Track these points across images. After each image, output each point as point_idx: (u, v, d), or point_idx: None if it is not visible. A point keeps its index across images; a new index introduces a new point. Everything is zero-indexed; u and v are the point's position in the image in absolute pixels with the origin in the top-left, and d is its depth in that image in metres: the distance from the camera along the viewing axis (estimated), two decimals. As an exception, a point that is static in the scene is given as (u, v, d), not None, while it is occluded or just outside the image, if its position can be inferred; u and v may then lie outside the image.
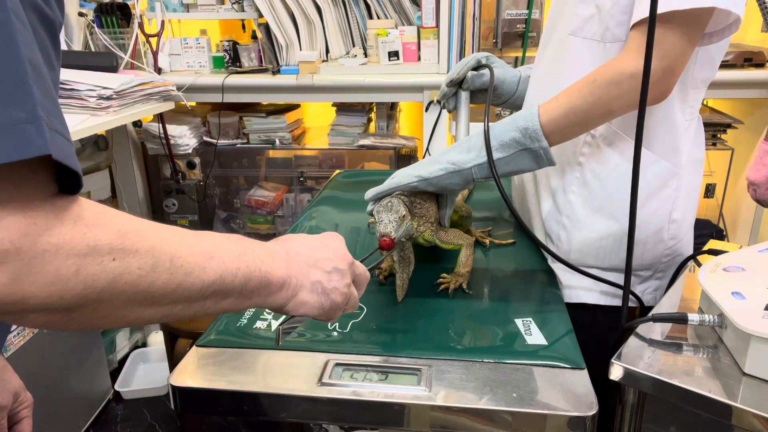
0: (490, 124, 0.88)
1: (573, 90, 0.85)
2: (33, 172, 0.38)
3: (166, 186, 2.46)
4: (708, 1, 0.77)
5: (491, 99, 1.14)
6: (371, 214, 0.91)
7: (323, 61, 2.29)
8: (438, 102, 2.13)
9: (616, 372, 0.73)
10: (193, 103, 2.53)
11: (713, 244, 1.06)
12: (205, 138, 2.46)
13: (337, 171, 1.64)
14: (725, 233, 2.35)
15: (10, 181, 0.37)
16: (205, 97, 2.31)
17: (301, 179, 2.50)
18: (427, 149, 2.10)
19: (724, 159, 2.27)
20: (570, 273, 0.98)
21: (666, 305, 0.87)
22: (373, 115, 2.47)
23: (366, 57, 2.29)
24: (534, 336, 0.82)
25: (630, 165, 0.82)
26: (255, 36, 2.37)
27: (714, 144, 2.25)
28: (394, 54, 2.19)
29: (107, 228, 0.42)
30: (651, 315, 0.79)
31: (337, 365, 0.76)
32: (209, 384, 0.74)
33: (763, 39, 2.26)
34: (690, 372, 0.70)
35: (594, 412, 0.67)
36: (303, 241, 0.65)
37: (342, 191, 1.47)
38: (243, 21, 2.52)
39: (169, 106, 2.20)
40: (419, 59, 2.21)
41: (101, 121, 1.80)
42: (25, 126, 0.36)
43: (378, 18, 2.28)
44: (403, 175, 0.91)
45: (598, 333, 0.93)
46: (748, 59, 2.06)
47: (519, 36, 2.09)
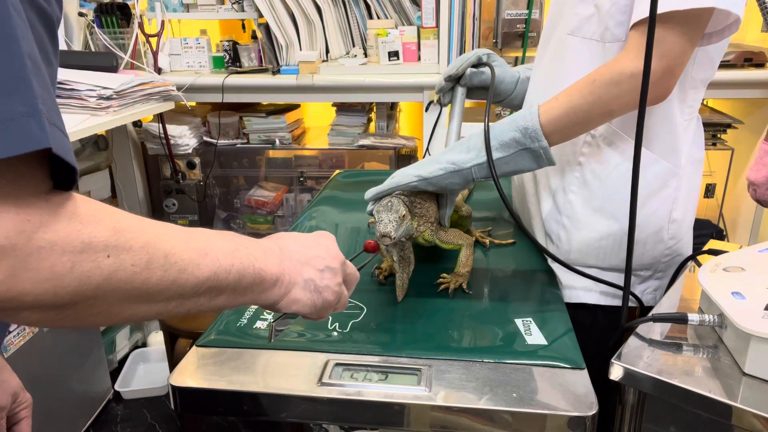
0: (489, 123, 0.88)
1: (573, 90, 0.85)
2: (29, 167, 0.38)
3: (166, 186, 2.47)
4: (708, 2, 0.77)
5: (487, 97, 1.14)
6: (371, 213, 0.91)
7: (323, 61, 2.28)
8: (437, 102, 2.13)
9: (616, 372, 0.73)
10: (193, 103, 2.53)
11: (713, 244, 1.06)
12: (205, 138, 2.46)
13: (337, 171, 1.64)
14: (725, 233, 2.35)
15: (5, 177, 0.37)
16: (205, 97, 2.31)
17: (301, 179, 2.50)
18: (427, 149, 2.10)
19: (724, 159, 2.27)
20: (570, 273, 0.98)
21: (666, 305, 0.87)
22: (373, 115, 2.47)
23: (366, 57, 2.29)
24: (534, 336, 0.82)
25: (630, 165, 0.82)
26: (255, 36, 2.37)
27: (714, 144, 2.25)
28: (394, 54, 2.19)
29: (102, 225, 0.42)
30: (651, 315, 0.79)
31: (337, 365, 0.76)
32: (209, 384, 0.74)
33: (763, 39, 2.26)
34: (690, 372, 0.70)
35: (594, 412, 0.67)
36: (296, 239, 0.65)
37: (342, 191, 1.47)
38: (243, 21, 2.52)
39: (169, 106, 2.20)
40: (419, 59, 2.21)
41: (101, 121, 1.80)
42: (26, 119, 0.36)
43: (378, 18, 2.28)
44: (403, 175, 0.91)
45: (598, 333, 0.93)
46: (748, 59, 2.06)
47: (519, 36, 2.09)
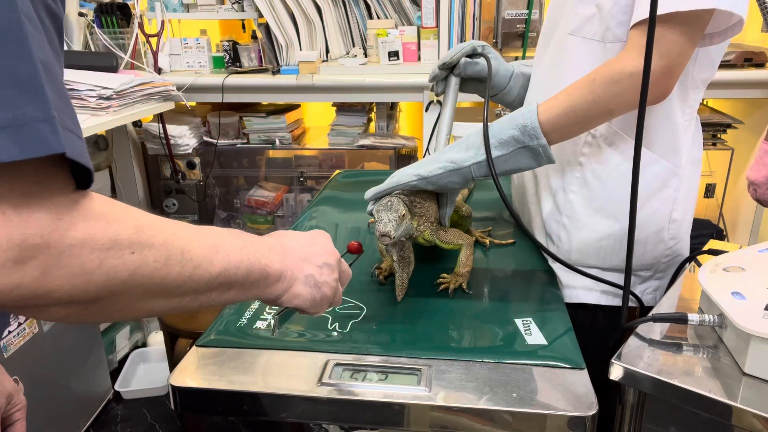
0: (488, 122, 0.88)
1: (573, 89, 0.85)
2: (54, 168, 0.40)
3: (166, 186, 2.47)
4: (709, 3, 0.76)
5: (481, 90, 1.13)
6: (371, 213, 0.91)
7: (323, 61, 2.28)
8: (434, 101, 2.13)
9: (616, 372, 0.73)
10: (193, 103, 2.53)
11: (713, 244, 1.06)
12: (205, 138, 2.46)
13: (337, 171, 1.64)
14: (725, 233, 2.34)
15: (33, 178, 0.39)
16: (205, 97, 2.31)
17: (301, 179, 2.50)
18: (427, 149, 2.09)
19: (724, 159, 2.27)
20: (570, 273, 0.98)
21: (666, 305, 0.87)
22: (373, 115, 2.47)
23: (366, 57, 2.29)
24: (534, 336, 0.82)
25: (631, 165, 0.82)
26: (255, 36, 2.37)
27: (714, 144, 2.25)
28: (394, 54, 2.19)
29: (125, 223, 0.44)
30: (651, 315, 0.79)
31: (337, 365, 0.76)
32: (209, 384, 0.74)
33: (763, 39, 2.26)
34: (690, 372, 0.70)
35: (594, 412, 0.67)
36: (295, 237, 0.69)
37: (342, 191, 1.47)
38: (243, 21, 2.52)
39: (169, 106, 2.20)
40: (419, 59, 2.21)
41: (101, 121, 1.80)
42: (40, 125, 0.38)
43: (378, 18, 2.28)
44: (403, 174, 0.90)
45: (598, 333, 0.92)
46: (748, 59, 2.06)
47: (519, 36, 2.09)
